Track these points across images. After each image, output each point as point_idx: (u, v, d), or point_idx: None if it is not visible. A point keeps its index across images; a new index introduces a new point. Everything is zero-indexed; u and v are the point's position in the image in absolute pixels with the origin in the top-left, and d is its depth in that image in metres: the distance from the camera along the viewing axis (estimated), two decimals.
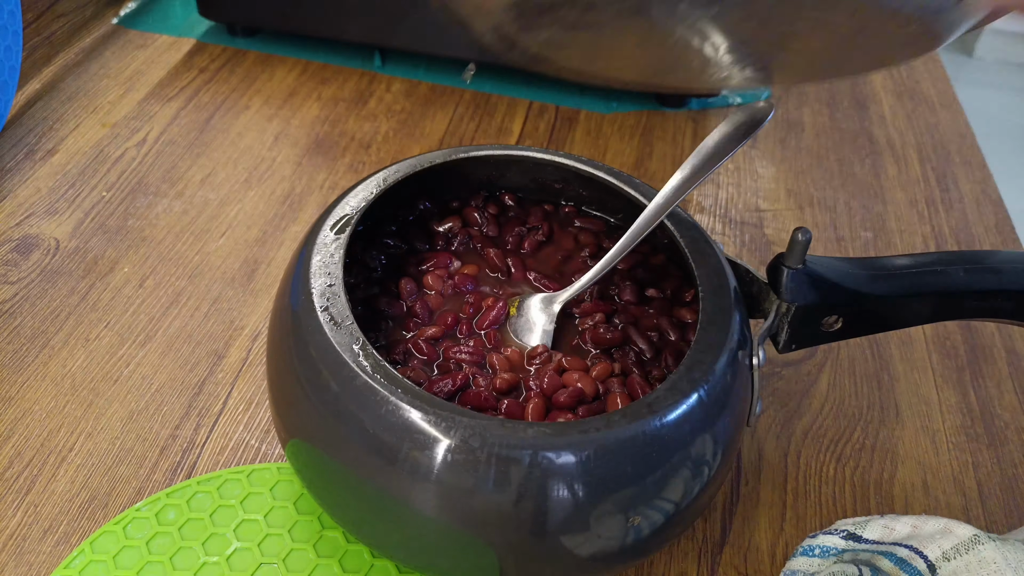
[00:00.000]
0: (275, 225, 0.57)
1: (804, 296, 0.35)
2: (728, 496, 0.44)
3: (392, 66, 0.75)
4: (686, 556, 0.41)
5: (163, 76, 0.70)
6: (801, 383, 0.50)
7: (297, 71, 0.73)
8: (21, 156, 0.61)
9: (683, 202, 0.63)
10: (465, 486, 0.30)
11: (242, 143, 0.64)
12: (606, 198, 0.45)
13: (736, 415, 0.34)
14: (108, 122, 0.65)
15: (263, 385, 0.47)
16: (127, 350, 0.48)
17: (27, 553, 0.39)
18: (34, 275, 0.52)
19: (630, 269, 0.43)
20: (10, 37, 0.62)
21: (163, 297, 0.51)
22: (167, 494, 0.41)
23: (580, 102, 0.73)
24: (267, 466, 0.42)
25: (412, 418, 0.30)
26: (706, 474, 0.33)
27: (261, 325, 0.50)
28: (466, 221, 0.45)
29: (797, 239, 0.34)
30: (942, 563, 0.35)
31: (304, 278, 0.35)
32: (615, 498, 0.31)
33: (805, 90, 0.78)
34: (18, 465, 0.42)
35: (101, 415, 0.44)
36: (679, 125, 0.71)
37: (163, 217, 0.57)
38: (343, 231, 0.37)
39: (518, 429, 0.30)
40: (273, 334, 0.36)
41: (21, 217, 0.56)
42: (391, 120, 0.68)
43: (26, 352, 0.47)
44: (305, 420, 0.33)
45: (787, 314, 0.36)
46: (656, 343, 0.39)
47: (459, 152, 0.42)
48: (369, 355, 0.32)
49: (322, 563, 0.38)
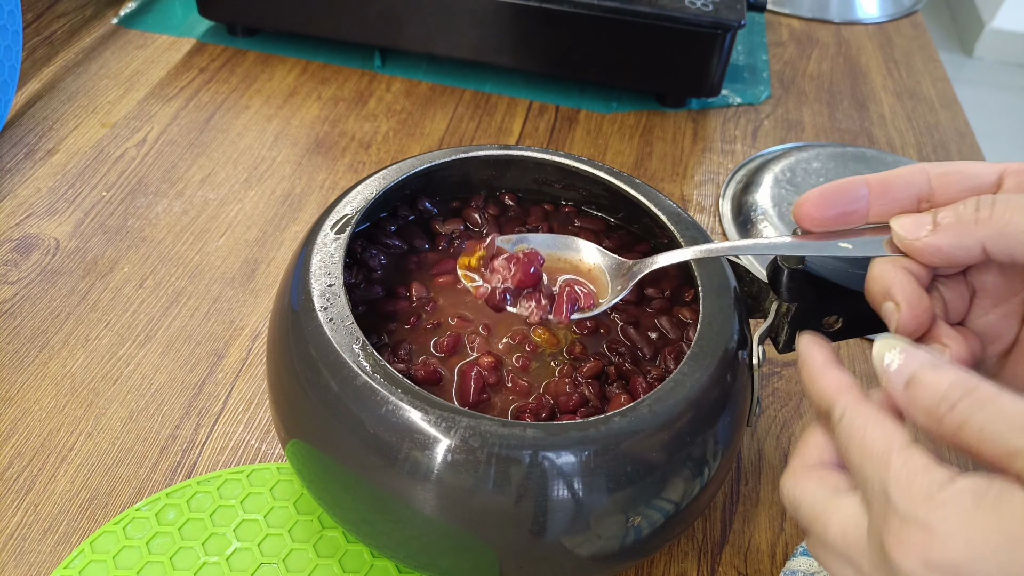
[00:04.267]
0: (275, 225, 0.57)
1: (804, 296, 0.35)
2: (728, 496, 0.44)
3: (392, 66, 0.75)
4: (686, 556, 0.41)
5: (163, 76, 0.70)
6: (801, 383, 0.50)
7: (297, 71, 0.73)
8: (21, 156, 0.61)
9: (683, 202, 0.63)
10: (465, 486, 0.30)
11: (242, 143, 0.64)
12: (606, 198, 0.45)
13: (736, 415, 0.34)
14: (108, 122, 0.65)
15: (263, 385, 0.47)
16: (127, 350, 0.48)
17: (27, 553, 0.39)
18: (34, 275, 0.52)
19: None
20: (10, 37, 0.62)
21: (163, 297, 0.51)
22: (167, 494, 0.41)
23: (580, 102, 0.73)
24: (267, 466, 0.42)
25: (412, 418, 0.30)
26: (706, 474, 0.33)
27: (261, 325, 0.50)
28: (466, 221, 0.45)
29: None
30: None
31: (304, 278, 0.35)
32: (615, 498, 0.31)
33: (805, 90, 0.78)
34: (18, 465, 0.42)
35: (101, 415, 0.44)
36: (679, 125, 0.71)
37: (163, 217, 0.57)
38: (343, 231, 0.37)
39: (518, 429, 0.30)
40: (273, 334, 0.36)
41: (21, 217, 0.56)
42: (391, 120, 0.68)
43: (26, 352, 0.47)
44: (305, 420, 0.33)
45: (787, 314, 0.36)
46: (656, 343, 0.39)
47: (459, 152, 0.42)
48: (369, 355, 0.32)
49: (322, 563, 0.38)
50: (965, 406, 0.24)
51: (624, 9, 0.65)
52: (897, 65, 0.84)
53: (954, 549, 0.23)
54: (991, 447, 0.23)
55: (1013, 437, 0.23)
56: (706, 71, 0.68)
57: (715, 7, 0.65)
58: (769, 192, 0.62)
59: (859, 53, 0.86)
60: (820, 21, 0.91)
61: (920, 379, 0.25)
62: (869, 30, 0.90)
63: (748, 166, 0.67)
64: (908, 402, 0.26)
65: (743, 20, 0.65)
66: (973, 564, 0.22)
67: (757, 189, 0.63)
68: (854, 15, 0.92)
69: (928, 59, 0.86)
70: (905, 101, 0.79)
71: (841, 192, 0.31)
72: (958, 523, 0.23)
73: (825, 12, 0.91)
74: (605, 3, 0.65)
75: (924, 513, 0.23)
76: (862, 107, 0.77)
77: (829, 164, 0.65)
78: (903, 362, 0.26)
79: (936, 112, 0.77)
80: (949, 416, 0.24)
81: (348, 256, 0.36)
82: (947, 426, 0.24)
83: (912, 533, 0.24)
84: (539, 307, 0.36)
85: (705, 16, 0.64)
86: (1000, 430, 0.23)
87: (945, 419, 0.24)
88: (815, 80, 0.80)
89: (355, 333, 0.32)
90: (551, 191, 0.46)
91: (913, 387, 0.25)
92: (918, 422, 0.26)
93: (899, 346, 0.26)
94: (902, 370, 0.26)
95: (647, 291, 0.42)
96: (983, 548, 0.22)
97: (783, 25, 0.89)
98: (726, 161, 0.68)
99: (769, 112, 0.75)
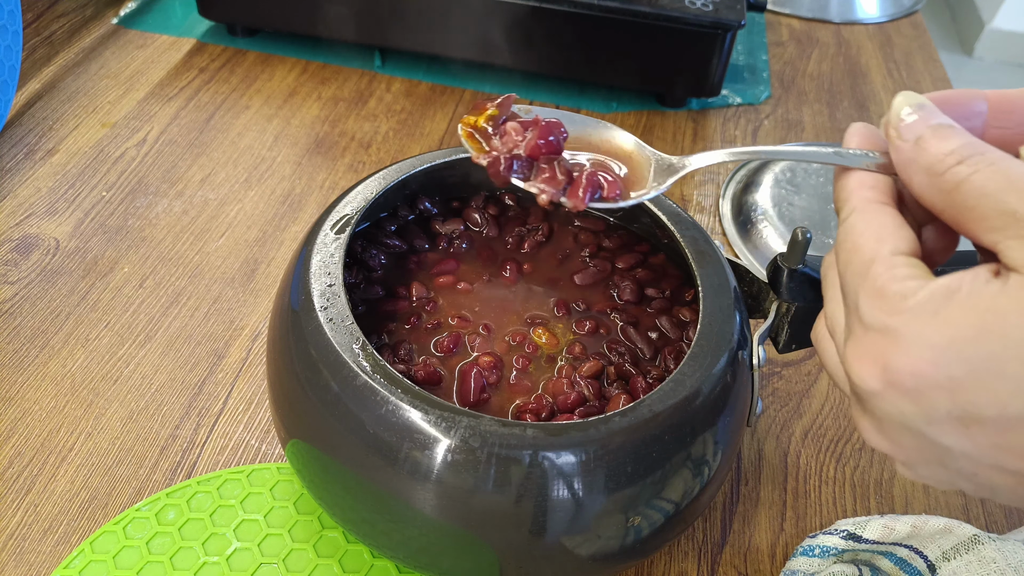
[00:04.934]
0: (275, 225, 0.57)
1: (804, 296, 0.35)
2: (728, 496, 0.44)
3: (392, 66, 0.75)
4: (686, 556, 0.41)
5: (163, 76, 0.70)
6: (801, 383, 0.50)
7: (297, 71, 0.73)
8: (21, 156, 0.61)
9: (683, 202, 0.63)
10: (465, 486, 0.30)
11: (242, 143, 0.64)
12: None
13: (736, 415, 0.34)
14: (108, 122, 0.65)
15: (263, 385, 0.47)
16: (127, 350, 0.48)
17: (27, 553, 0.39)
18: (34, 275, 0.52)
19: (630, 269, 0.43)
20: (10, 37, 0.62)
21: (163, 297, 0.51)
22: (167, 494, 0.41)
23: (580, 102, 0.73)
24: (267, 466, 0.42)
25: (412, 418, 0.30)
26: (706, 474, 0.33)
27: (261, 325, 0.50)
28: (466, 221, 0.44)
29: (797, 239, 0.34)
30: (942, 563, 0.35)
31: (304, 278, 0.35)
32: (615, 498, 0.31)
33: (805, 90, 0.78)
34: (18, 465, 0.42)
35: (101, 415, 0.44)
36: (679, 125, 0.71)
37: (163, 217, 0.57)
38: (343, 231, 0.37)
39: (518, 429, 0.30)
40: (273, 334, 0.36)
41: (21, 217, 0.56)
42: (391, 120, 0.68)
43: (26, 352, 0.47)
44: (305, 420, 0.33)
45: (787, 314, 0.36)
46: (656, 343, 0.39)
47: (459, 152, 0.42)
48: (369, 355, 0.32)
49: (322, 563, 0.38)
50: (973, 162, 0.22)
51: (624, 9, 0.65)
52: (897, 65, 0.84)
53: (917, 355, 0.21)
54: (988, 207, 0.22)
55: (1011, 197, 0.21)
56: (706, 71, 0.68)
57: (715, 7, 0.65)
58: (769, 192, 0.62)
59: (859, 53, 0.86)
60: (820, 21, 0.90)
61: (937, 131, 0.24)
62: (869, 30, 0.90)
63: (748, 166, 0.67)
64: (915, 155, 0.24)
65: (743, 20, 0.65)
66: (938, 368, 0.20)
67: (757, 189, 0.63)
68: (854, 15, 0.92)
69: (928, 59, 0.86)
70: None
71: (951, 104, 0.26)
72: (924, 325, 0.21)
73: (825, 12, 0.91)
74: (605, 3, 0.65)
75: (888, 320, 0.22)
76: (862, 107, 0.77)
77: None
78: (924, 116, 0.24)
79: None
80: (953, 170, 0.23)
81: (348, 256, 0.36)
82: (948, 180, 0.23)
83: (873, 343, 0.22)
84: (553, 182, 0.30)
85: (705, 16, 0.64)
86: (1001, 188, 0.22)
87: (948, 173, 0.23)
88: (815, 80, 0.80)
89: (355, 333, 0.32)
90: None
91: (926, 140, 0.24)
92: (916, 182, 0.24)
93: (923, 102, 0.25)
94: (920, 123, 0.24)
95: (647, 291, 0.42)
96: (950, 349, 0.20)
97: (783, 25, 0.89)
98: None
99: (769, 112, 0.75)
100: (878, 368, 0.22)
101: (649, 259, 0.44)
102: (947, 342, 0.20)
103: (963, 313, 0.21)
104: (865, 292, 0.23)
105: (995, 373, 0.20)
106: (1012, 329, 0.20)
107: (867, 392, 0.22)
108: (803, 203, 0.61)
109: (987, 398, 0.20)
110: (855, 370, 0.22)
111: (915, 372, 0.21)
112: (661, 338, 0.40)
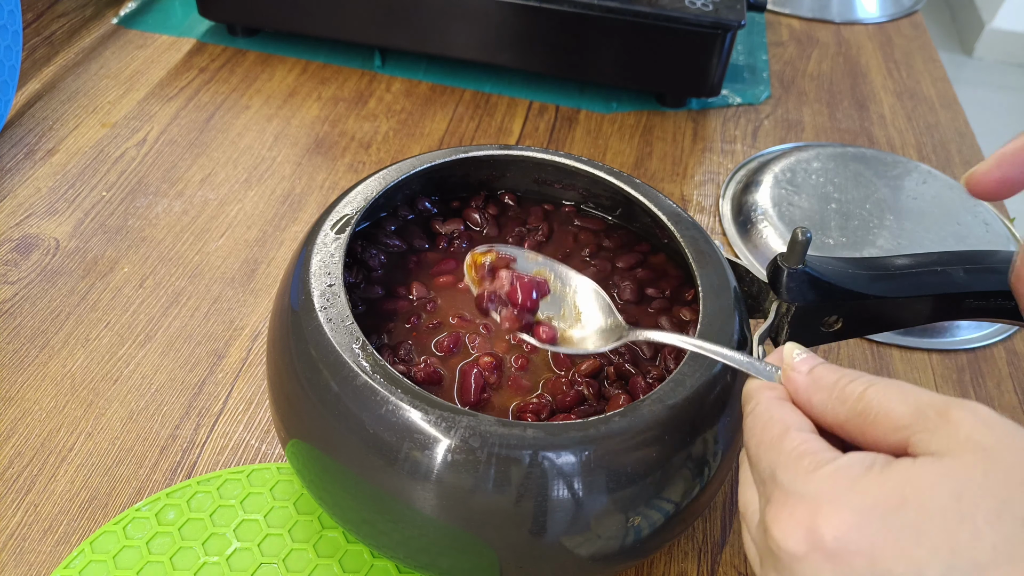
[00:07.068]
0: (275, 225, 0.57)
1: (804, 296, 0.35)
2: (728, 496, 0.44)
3: (392, 66, 0.75)
4: (686, 556, 0.41)
5: (163, 76, 0.70)
6: None
7: (297, 71, 0.73)
8: (21, 156, 0.61)
9: (683, 202, 0.63)
10: (465, 486, 0.30)
11: (242, 143, 0.64)
12: (606, 198, 0.45)
13: (736, 415, 0.34)
14: (108, 122, 0.65)
15: (263, 385, 0.47)
16: (127, 350, 0.48)
17: (27, 553, 0.39)
18: (34, 275, 0.52)
19: (630, 268, 0.43)
20: (10, 37, 0.62)
21: (163, 297, 0.51)
22: (167, 494, 0.41)
23: (580, 102, 0.73)
24: (267, 466, 0.42)
25: (412, 418, 0.30)
26: (706, 474, 0.33)
27: (261, 325, 0.50)
28: (466, 221, 0.45)
29: (797, 239, 0.34)
30: None
31: (304, 278, 0.35)
32: (615, 498, 0.31)
33: (805, 90, 0.78)
34: (18, 465, 0.42)
35: (101, 415, 0.44)
36: (679, 125, 0.71)
37: (163, 217, 0.57)
38: (343, 231, 0.37)
39: (518, 429, 0.30)
40: (273, 334, 0.36)
41: (21, 217, 0.56)
42: (391, 120, 0.68)
43: (26, 352, 0.47)
44: (305, 420, 0.33)
45: (787, 314, 0.36)
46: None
47: (459, 152, 0.42)
48: (369, 355, 0.32)
49: (322, 563, 0.38)
50: (863, 381, 0.25)
51: (624, 9, 0.65)
52: (897, 65, 0.84)
53: (839, 519, 0.22)
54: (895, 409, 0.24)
55: (910, 399, 0.23)
56: (706, 71, 0.68)
57: (715, 7, 0.65)
58: (769, 192, 0.62)
59: (859, 53, 0.86)
60: (820, 21, 0.91)
61: (824, 365, 0.27)
62: (869, 30, 0.90)
63: (748, 166, 0.67)
64: (812, 381, 0.27)
65: (743, 20, 0.65)
66: (860, 533, 0.21)
67: (757, 189, 0.63)
68: (854, 15, 0.92)
69: (928, 59, 0.86)
70: (905, 101, 0.79)
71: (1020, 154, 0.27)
72: (844, 491, 0.22)
73: (825, 12, 0.91)
74: (605, 3, 0.65)
75: (808, 485, 0.23)
76: (862, 107, 0.77)
77: (829, 164, 0.65)
78: (809, 356, 0.28)
79: (936, 112, 0.77)
80: (851, 386, 0.25)
81: (348, 256, 0.36)
82: (850, 393, 0.25)
83: (795, 507, 0.23)
84: (512, 321, 0.36)
85: (705, 16, 0.64)
86: (901, 392, 0.24)
87: (848, 387, 0.25)
88: (815, 80, 0.80)
89: (355, 333, 0.32)
90: (551, 191, 0.46)
91: (818, 370, 0.27)
92: (817, 400, 0.26)
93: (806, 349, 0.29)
94: (809, 359, 0.28)
95: (647, 291, 0.42)
96: (872, 514, 0.21)
97: (783, 25, 0.89)
98: (726, 161, 0.68)
99: (769, 112, 0.75)
100: (803, 529, 0.22)
101: (649, 259, 0.44)
102: (869, 508, 0.22)
103: (880, 483, 0.22)
104: (782, 461, 0.24)
105: (913, 541, 0.21)
106: (928, 500, 0.21)
107: (790, 555, 0.23)
108: (803, 203, 0.61)
109: (905, 565, 0.21)
110: (778, 533, 0.23)
111: (838, 535, 0.22)
112: None
